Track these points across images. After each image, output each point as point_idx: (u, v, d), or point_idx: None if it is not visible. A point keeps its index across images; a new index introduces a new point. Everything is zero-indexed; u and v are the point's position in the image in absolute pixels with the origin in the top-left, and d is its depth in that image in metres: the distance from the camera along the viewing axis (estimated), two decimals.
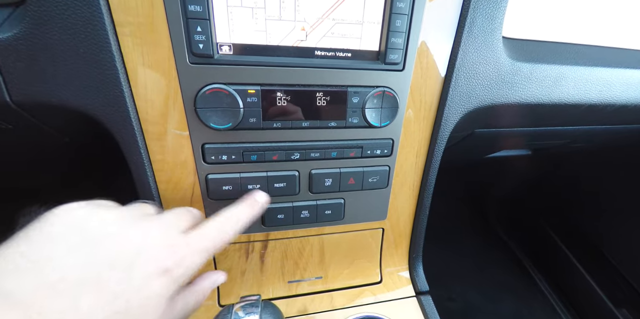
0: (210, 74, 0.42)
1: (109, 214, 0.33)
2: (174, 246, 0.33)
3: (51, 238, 0.29)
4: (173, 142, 0.46)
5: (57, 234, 0.29)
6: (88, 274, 0.28)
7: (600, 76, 0.59)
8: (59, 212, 0.31)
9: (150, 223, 0.34)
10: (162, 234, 0.33)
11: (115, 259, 0.29)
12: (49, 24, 0.37)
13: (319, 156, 0.50)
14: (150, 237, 0.32)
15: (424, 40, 0.48)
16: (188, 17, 0.38)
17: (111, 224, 0.31)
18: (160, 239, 0.32)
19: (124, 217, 0.33)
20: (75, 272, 0.27)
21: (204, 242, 0.35)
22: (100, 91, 0.41)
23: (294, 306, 0.61)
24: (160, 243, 0.32)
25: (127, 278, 0.29)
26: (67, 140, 0.60)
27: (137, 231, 0.32)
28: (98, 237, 0.30)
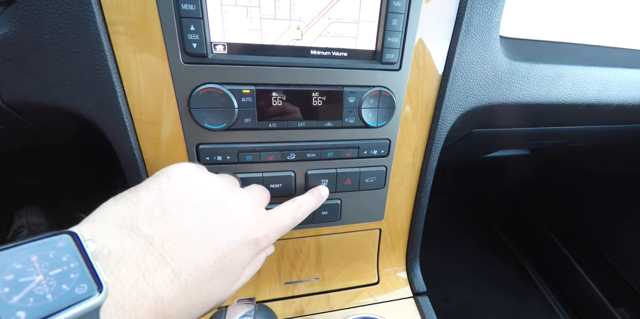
0: (204, 74, 0.41)
1: (216, 181, 0.37)
2: (262, 222, 0.37)
3: (179, 197, 0.33)
4: (167, 143, 0.45)
5: (184, 194, 0.33)
6: (206, 233, 0.31)
7: (598, 76, 0.58)
8: (181, 170, 0.35)
9: (246, 196, 0.38)
10: (255, 208, 0.37)
11: (225, 223, 0.33)
12: (39, 23, 0.36)
13: (315, 156, 0.50)
14: (247, 209, 0.36)
15: (420, 40, 0.47)
16: (181, 16, 0.38)
17: (220, 191, 0.36)
18: (254, 213, 0.37)
19: (227, 186, 0.37)
20: (197, 229, 0.31)
21: (283, 222, 0.40)
22: (92, 91, 0.40)
23: (291, 308, 0.61)
24: (254, 216, 0.36)
25: (232, 241, 0.33)
26: (60, 141, 0.59)
27: (238, 201, 0.36)
28: (213, 202, 0.34)
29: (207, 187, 0.35)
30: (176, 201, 0.32)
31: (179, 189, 0.33)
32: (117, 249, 0.26)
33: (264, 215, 0.38)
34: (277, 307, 0.60)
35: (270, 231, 0.37)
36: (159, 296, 0.26)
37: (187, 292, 0.28)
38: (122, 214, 0.29)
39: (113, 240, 0.27)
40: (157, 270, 0.27)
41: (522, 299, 1.41)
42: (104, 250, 0.25)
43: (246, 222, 0.35)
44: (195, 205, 0.33)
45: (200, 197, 0.34)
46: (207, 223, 0.32)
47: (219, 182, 0.37)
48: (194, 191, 0.34)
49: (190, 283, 0.29)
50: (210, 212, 0.33)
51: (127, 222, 0.29)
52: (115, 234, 0.27)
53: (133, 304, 0.25)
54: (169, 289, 0.27)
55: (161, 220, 0.30)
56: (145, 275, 0.26)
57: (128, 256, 0.26)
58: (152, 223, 0.29)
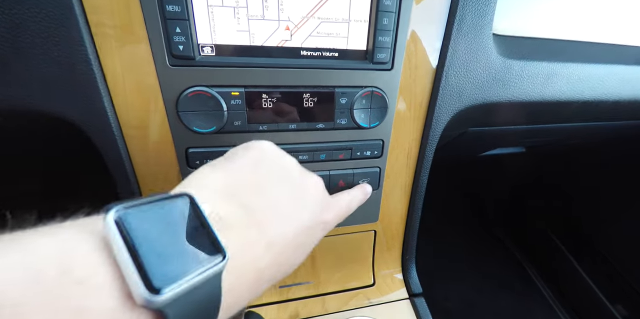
0: (191, 76, 0.40)
1: (293, 160, 0.37)
2: (329, 205, 0.38)
3: (270, 170, 0.34)
4: (156, 147, 0.44)
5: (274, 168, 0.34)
6: (295, 207, 0.33)
7: (592, 73, 0.58)
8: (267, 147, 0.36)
9: (317, 179, 0.39)
10: (324, 193, 0.39)
11: (307, 200, 0.35)
12: (20, 27, 0.35)
13: (307, 158, 0.49)
14: (320, 191, 0.38)
15: (412, 39, 0.46)
16: (166, 18, 0.37)
17: (301, 170, 0.37)
18: (323, 196, 0.38)
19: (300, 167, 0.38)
20: (287, 203, 0.32)
21: (344, 209, 0.42)
22: (77, 96, 0.39)
23: (286, 311, 0.60)
24: (323, 199, 0.38)
25: (313, 218, 0.34)
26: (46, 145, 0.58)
27: (314, 182, 0.37)
28: (297, 180, 0.35)
29: (291, 166, 0.36)
30: (268, 174, 0.33)
31: (270, 163, 0.34)
32: (225, 216, 0.27)
33: (330, 199, 0.40)
34: (272, 311, 0.59)
35: (335, 216, 0.39)
36: (257, 265, 0.28)
37: (278, 261, 0.30)
38: (224, 182, 0.30)
39: (223, 206, 0.28)
40: (256, 241, 0.28)
41: (521, 297, 1.41)
42: (214, 216, 0.26)
43: (322, 203, 0.37)
44: (285, 180, 0.34)
45: (288, 174, 0.35)
46: (295, 198, 0.33)
47: (296, 162, 0.38)
48: (282, 167, 0.35)
49: (281, 253, 0.30)
50: (296, 189, 0.34)
51: (228, 190, 0.30)
52: (223, 201, 0.28)
53: (237, 273, 0.26)
54: (265, 260, 0.29)
55: (257, 191, 0.31)
56: (247, 245, 0.27)
57: (234, 224, 0.27)
58: (250, 193, 0.30)
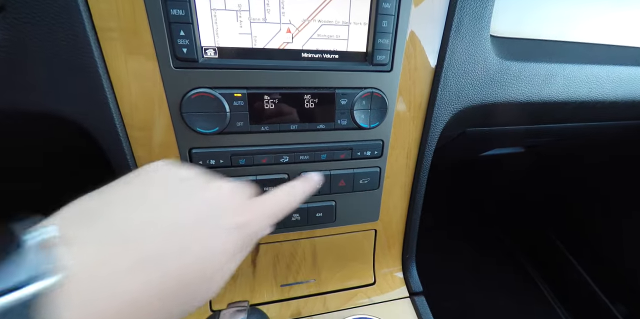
0: (195, 78, 0.41)
1: (192, 170, 0.35)
2: (245, 206, 0.35)
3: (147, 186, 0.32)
4: (160, 148, 0.45)
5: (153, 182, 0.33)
6: (177, 221, 0.30)
7: (589, 73, 0.59)
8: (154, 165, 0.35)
9: (225, 183, 0.36)
10: (235, 195, 0.35)
11: (207, 208, 0.32)
12: (28, 31, 0.36)
13: (308, 158, 0.50)
14: (229, 194, 0.34)
15: (411, 41, 0.47)
16: (171, 21, 0.38)
17: (192, 179, 0.34)
18: (236, 200, 0.35)
19: (201, 175, 0.36)
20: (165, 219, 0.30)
21: (274, 206, 0.37)
22: (83, 97, 0.40)
23: (287, 310, 0.61)
24: (233, 202, 0.34)
25: (206, 229, 0.31)
26: (60, 146, 0.59)
27: (219, 187, 0.34)
28: (183, 190, 0.33)
29: (179, 178, 0.34)
30: (145, 191, 0.31)
31: (148, 181, 0.33)
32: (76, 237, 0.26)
33: (248, 200, 0.36)
34: (273, 309, 0.60)
35: (255, 217, 0.35)
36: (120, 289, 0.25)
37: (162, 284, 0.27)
38: (86, 207, 0.29)
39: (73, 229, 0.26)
40: (117, 258, 0.26)
41: (521, 297, 1.41)
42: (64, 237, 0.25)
43: (230, 206, 0.34)
44: (165, 194, 0.32)
45: (172, 187, 0.33)
46: (177, 211, 0.31)
47: (193, 172, 0.35)
48: (165, 181, 0.33)
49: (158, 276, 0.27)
50: (181, 201, 0.32)
51: (90, 214, 0.28)
52: (77, 224, 0.27)
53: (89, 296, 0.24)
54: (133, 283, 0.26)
55: (127, 209, 0.29)
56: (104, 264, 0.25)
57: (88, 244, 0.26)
58: (118, 213, 0.29)
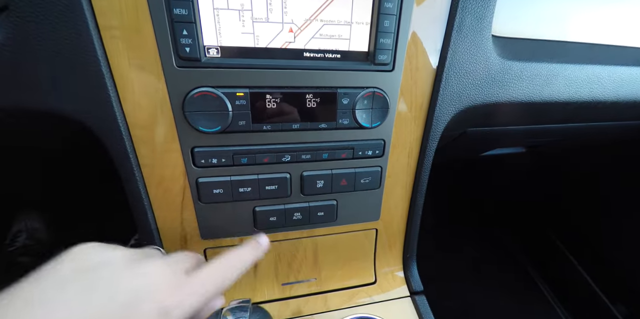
0: (197, 78, 0.41)
1: (114, 254, 0.34)
2: (176, 287, 0.33)
3: (57, 281, 0.30)
4: (162, 146, 0.45)
5: (65, 276, 0.31)
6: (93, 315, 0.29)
7: (591, 73, 0.59)
8: (70, 252, 0.33)
9: (153, 264, 0.34)
10: (165, 275, 0.34)
11: (117, 300, 0.30)
12: (32, 29, 0.36)
13: (310, 157, 0.50)
14: (151, 277, 0.33)
15: (413, 40, 0.47)
16: (174, 21, 0.38)
17: (114, 264, 0.33)
18: (163, 280, 0.33)
19: (129, 257, 0.34)
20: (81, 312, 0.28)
21: (206, 285, 0.36)
22: (86, 96, 0.40)
23: (288, 308, 0.61)
24: (162, 284, 0.33)
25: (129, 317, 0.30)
26: (59, 144, 0.59)
27: (139, 272, 0.33)
28: (103, 279, 0.31)
29: (98, 265, 0.32)
30: (56, 287, 0.30)
31: (61, 273, 0.31)
32: None
33: (179, 280, 0.34)
34: (274, 308, 0.60)
35: (186, 296, 0.34)
36: None
37: None
38: None
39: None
40: None
41: (521, 297, 1.41)
42: None
43: (148, 292, 0.32)
44: (76, 288, 0.30)
45: (86, 277, 0.31)
46: (93, 303, 0.30)
47: (116, 256, 0.34)
48: (79, 271, 0.31)
49: None
50: (98, 291, 0.30)
51: None
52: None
53: None
54: None
55: (35, 310, 0.28)
56: None
57: None
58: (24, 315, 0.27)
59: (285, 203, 0.53)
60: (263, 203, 0.52)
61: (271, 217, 0.53)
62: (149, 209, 0.49)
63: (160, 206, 0.50)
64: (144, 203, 0.49)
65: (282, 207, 0.53)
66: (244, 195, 0.50)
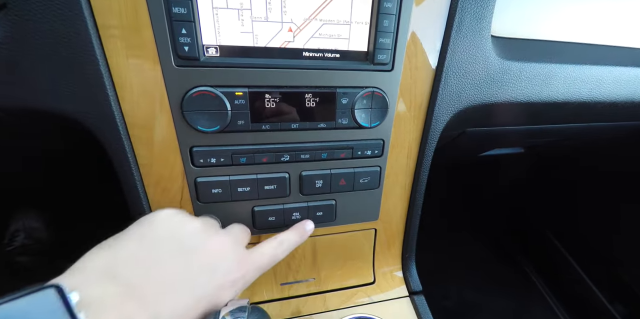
0: (196, 77, 0.41)
1: (195, 225, 0.38)
2: (241, 262, 0.39)
3: (159, 243, 0.35)
4: (160, 146, 0.45)
5: (164, 240, 0.35)
6: (186, 277, 0.34)
7: (589, 74, 0.59)
8: (161, 217, 0.37)
9: (224, 237, 0.40)
10: (233, 249, 0.40)
11: (203, 266, 0.35)
12: (30, 28, 0.36)
13: (309, 157, 0.50)
14: (225, 250, 0.38)
15: (412, 40, 0.47)
16: (172, 19, 0.38)
17: (197, 235, 0.37)
18: (232, 254, 0.39)
19: (205, 229, 0.39)
20: (176, 274, 0.33)
21: (262, 261, 0.42)
22: (85, 95, 0.40)
23: (287, 308, 0.61)
24: (232, 258, 0.38)
25: (210, 284, 0.35)
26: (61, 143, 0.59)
27: (216, 244, 0.38)
28: (191, 246, 0.36)
29: (186, 233, 0.37)
30: (156, 247, 0.34)
31: (159, 236, 0.35)
32: (99, 298, 0.27)
33: (243, 255, 0.40)
34: (273, 308, 0.60)
35: (248, 271, 0.39)
36: None
37: None
38: (105, 262, 0.31)
39: (95, 289, 0.28)
40: (136, 315, 0.29)
41: (520, 297, 1.41)
42: (87, 299, 0.27)
43: (224, 264, 0.37)
44: (175, 250, 0.35)
45: (180, 243, 0.36)
46: (186, 267, 0.34)
47: (197, 227, 0.38)
48: (174, 237, 0.36)
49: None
50: (189, 257, 0.35)
51: (109, 270, 0.30)
52: (98, 282, 0.29)
53: None
54: None
55: (141, 266, 0.32)
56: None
57: (109, 304, 0.28)
58: (133, 270, 0.31)
59: (284, 203, 0.53)
60: (262, 203, 0.52)
61: (270, 217, 0.53)
62: (147, 208, 0.49)
63: (158, 206, 0.50)
64: (142, 203, 0.48)
65: (281, 207, 0.53)
66: (243, 195, 0.50)
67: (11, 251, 1.24)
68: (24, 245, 1.26)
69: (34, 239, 1.28)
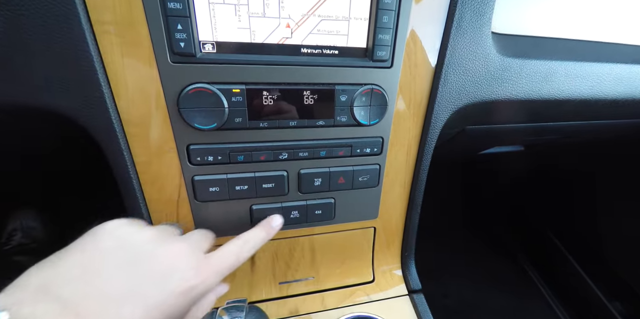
0: (192, 74, 0.41)
1: (145, 234, 0.37)
2: (199, 268, 0.37)
3: (102, 254, 0.33)
4: (157, 144, 0.45)
5: (107, 251, 0.33)
6: (131, 288, 0.32)
7: (590, 71, 0.58)
8: (108, 228, 0.36)
9: (180, 244, 0.38)
10: (190, 255, 0.38)
11: (152, 275, 0.34)
12: (22, 23, 0.35)
13: (307, 155, 0.49)
14: (180, 257, 0.37)
15: (412, 37, 0.47)
16: (168, 15, 0.37)
17: (148, 244, 0.36)
18: (188, 260, 0.37)
19: (158, 236, 0.37)
20: (120, 285, 0.31)
21: (223, 264, 0.39)
22: (79, 92, 0.39)
23: (285, 307, 0.60)
24: (188, 264, 0.36)
25: (161, 293, 0.33)
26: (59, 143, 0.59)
27: (170, 251, 0.36)
28: (140, 255, 0.34)
29: (135, 242, 0.35)
30: (98, 259, 0.33)
31: (104, 247, 0.34)
32: (32, 317, 0.26)
33: (201, 260, 0.38)
34: (272, 307, 0.60)
35: (208, 275, 0.37)
36: None
37: None
38: (42, 279, 0.30)
39: (28, 307, 0.27)
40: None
41: (520, 295, 1.41)
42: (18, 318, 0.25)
43: (178, 271, 0.35)
44: (121, 261, 0.33)
45: (127, 253, 0.34)
46: (133, 278, 0.33)
47: (149, 235, 0.37)
48: (121, 247, 0.34)
49: None
50: (138, 267, 0.33)
51: (45, 288, 0.29)
52: (31, 301, 0.28)
53: None
54: None
55: (81, 281, 0.30)
56: None
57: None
58: (71, 286, 0.30)
59: (283, 201, 0.53)
60: (260, 201, 0.52)
61: (268, 215, 0.52)
62: (144, 207, 0.49)
63: (155, 205, 0.49)
64: (138, 201, 0.48)
65: (279, 205, 0.52)
66: (241, 193, 0.49)
67: (8, 250, 1.23)
68: (21, 244, 1.25)
69: (31, 239, 1.27)
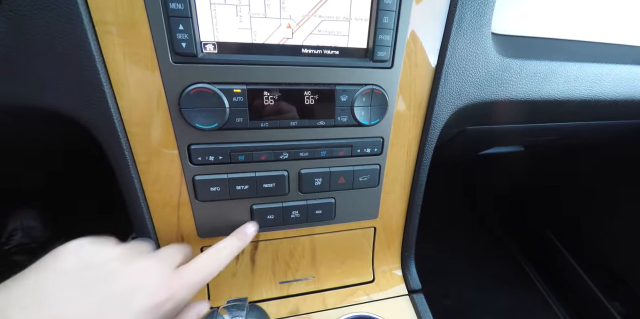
0: (194, 74, 0.41)
1: (111, 251, 0.36)
2: (166, 283, 0.36)
3: (60, 276, 0.32)
4: (158, 144, 0.45)
5: (66, 272, 0.32)
6: (91, 309, 0.31)
7: (590, 72, 0.58)
8: (71, 247, 0.35)
9: (147, 261, 0.37)
10: (157, 271, 0.36)
11: (114, 295, 0.32)
12: (25, 24, 0.36)
13: (308, 155, 0.50)
14: (146, 274, 0.35)
15: (412, 37, 0.47)
16: (169, 15, 0.37)
17: (111, 263, 0.35)
18: (155, 276, 0.35)
19: (125, 254, 0.36)
20: (79, 307, 0.30)
21: (196, 277, 0.38)
22: (80, 92, 0.40)
23: (286, 307, 0.61)
24: (154, 280, 0.35)
25: (125, 314, 0.32)
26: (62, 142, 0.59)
27: (135, 269, 0.35)
28: (102, 276, 0.33)
29: (97, 262, 0.34)
30: (56, 282, 0.31)
31: (63, 268, 0.33)
32: None
33: (170, 276, 0.37)
34: (272, 306, 0.60)
35: (177, 290, 0.36)
36: None
37: None
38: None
39: None
40: None
41: (520, 295, 1.41)
42: None
43: (143, 289, 0.34)
44: (80, 282, 0.32)
45: (87, 274, 0.33)
46: (93, 300, 0.31)
47: (113, 254, 0.36)
48: (82, 268, 0.33)
49: None
50: (99, 288, 0.32)
51: None
52: None
53: None
54: None
55: (35, 306, 0.29)
56: None
57: None
58: (24, 311, 0.28)
59: (283, 201, 0.53)
60: (261, 201, 0.52)
61: (269, 215, 0.53)
62: (145, 207, 0.49)
63: (156, 204, 0.49)
64: (140, 201, 0.48)
65: (279, 205, 0.53)
66: (241, 193, 0.50)
67: (8, 250, 1.24)
68: (21, 244, 1.25)
69: (31, 239, 1.27)
